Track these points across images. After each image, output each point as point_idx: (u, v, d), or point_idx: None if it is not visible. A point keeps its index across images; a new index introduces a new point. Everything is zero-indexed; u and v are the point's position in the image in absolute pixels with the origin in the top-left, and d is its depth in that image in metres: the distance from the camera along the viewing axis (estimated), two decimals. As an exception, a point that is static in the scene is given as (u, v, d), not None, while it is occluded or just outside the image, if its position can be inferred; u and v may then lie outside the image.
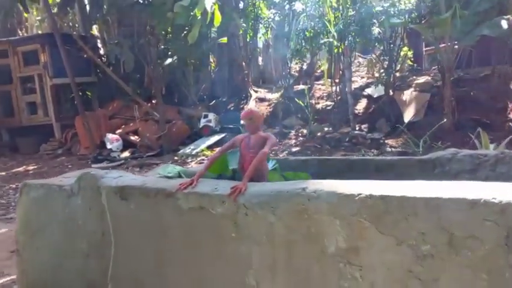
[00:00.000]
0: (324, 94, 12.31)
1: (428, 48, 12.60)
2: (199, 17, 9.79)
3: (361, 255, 1.94)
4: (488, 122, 9.34)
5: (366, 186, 1.95)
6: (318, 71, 13.25)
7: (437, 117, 9.70)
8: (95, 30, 13.88)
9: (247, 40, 12.68)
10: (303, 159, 3.94)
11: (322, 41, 10.25)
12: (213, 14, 9.92)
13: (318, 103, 11.97)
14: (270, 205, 2.16)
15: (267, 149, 2.63)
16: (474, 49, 10.15)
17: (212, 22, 10.15)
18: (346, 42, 10.01)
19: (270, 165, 3.64)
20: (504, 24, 8.83)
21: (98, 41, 13.49)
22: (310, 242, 2.06)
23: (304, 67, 13.11)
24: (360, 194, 1.93)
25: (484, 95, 10.07)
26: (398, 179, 2.13)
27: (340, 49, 10.50)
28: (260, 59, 14.26)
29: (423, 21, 9.70)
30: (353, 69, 12.40)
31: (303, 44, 11.27)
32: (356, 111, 11.04)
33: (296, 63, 12.77)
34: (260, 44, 13.76)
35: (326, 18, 10.18)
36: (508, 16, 9.08)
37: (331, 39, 10.00)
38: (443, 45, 9.52)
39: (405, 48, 10.84)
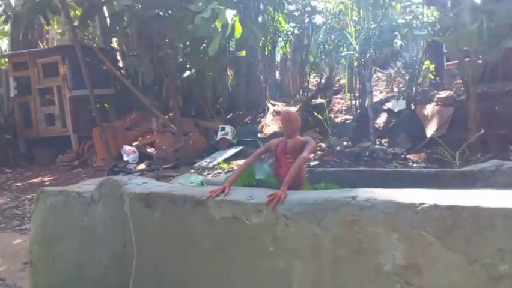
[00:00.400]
0: (343, 108, 12.08)
1: (450, 62, 12.34)
2: (220, 30, 9.68)
3: (422, 275, 1.70)
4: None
5: (430, 195, 1.72)
6: (337, 84, 13.06)
7: (460, 132, 9.42)
8: (114, 43, 13.87)
9: (266, 53, 12.53)
10: (331, 170, 3.71)
11: (343, 54, 10.04)
12: (233, 26, 9.81)
13: (337, 117, 11.73)
14: (315, 215, 1.93)
15: (307, 154, 2.42)
16: (499, 63, 9.89)
17: (231, 35, 10.05)
18: (367, 54, 9.80)
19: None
20: (533, 37, 8.58)
21: (118, 53, 13.45)
22: (361, 258, 1.83)
23: (323, 81, 12.91)
24: (423, 204, 1.69)
25: (509, 110, 9.75)
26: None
27: (361, 62, 10.30)
28: (277, 72, 14.10)
29: (447, 34, 9.46)
30: (372, 84, 12.17)
31: (323, 57, 11.11)
32: (376, 126, 10.78)
33: (314, 77, 12.59)
34: (278, 58, 13.61)
35: (347, 30, 10.00)
36: (537, 29, 8.83)
37: (352, 52, 9.80)
38: (468, 59, 9.26)
39: (427, 62, 10.60)
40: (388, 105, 11.54)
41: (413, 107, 10.49)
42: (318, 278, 1.92)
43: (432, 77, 10.44)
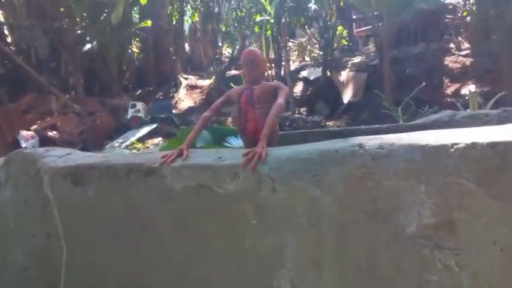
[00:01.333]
0: (259, 78, 11.78)
1: (360, 29, 12.50)
2: (123, -5, 8.85)
3: (459, 234, 1.36)
4: (427, 98, 9.33)
5: (463, 133, 1.36)
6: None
7: (374, 96, 9.59)
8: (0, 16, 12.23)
9: (173, 23, 11.78)
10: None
11: (257, 20, 9.65)
12: (137, -9, 9.01)
13: (254, 88, 11.41)
14: (312, 173, 1.50)
15: (283, 100, 1.98)
16: (409, 26, 10.10)
17: (136, 1, 9.23)
18: (283, 20, 9.52)
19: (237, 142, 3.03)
20: (441, -4, 8.81)
21: (5, 27, 11.88)
22: (376, 222, 1.44)
23: (236, 51, 12.49)
24: (457, 144, 1.33)
25: (419, 72, 10.06)
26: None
27: (274, 29, 10.00)
28: (186, 44, 13.39)
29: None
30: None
31: (236, 25, 10.66)
32: (294, 95, 10.62)
33: (227, 47, 12.11)
34: (186, 28, 12.90)
35: (261, -5, 9.63)
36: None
37: (267, 17, 9.45)
38: (380, 23, 9.32)
39: (340, 28, 10.58)
40: (303, 73, 11.44)
41: (328, 74, 10.46)
42: (318, 253, 1.51)
43: (346, 43, 10.43)
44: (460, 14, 8.59)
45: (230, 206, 1.64)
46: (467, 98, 8.43)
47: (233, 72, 11.82)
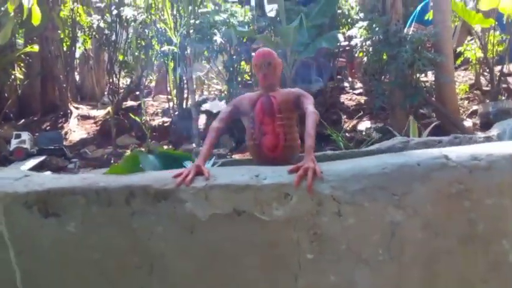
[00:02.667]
0: (158, 110, 11.31)
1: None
2: (12, 14, 8.02)
3: None
4: (326, 133, 9.69)
5: None
6: (150, 85, 12.24)
7: None
8: None
9: (64, 50, 10.92)
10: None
11: (162, 49, 9.32)
12: (29, 10, 8.20)
13: (153, 120, 10.90)
14: (388, 191, 1.28)
15: (314, 109, 1.76)
16: (309, 64, 10.53)
17: (26, 21, 8.37)
18: (189, 50, 9.30)
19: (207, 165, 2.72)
20: (340, 37, 9.33)
21: None
22: (474, 249, 1.25)
23: (133, 81, 11.92)
24: None
25: (319, 108, 10.47)
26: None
27: (177, 59, 9.73)
28: (76, 73, 12.47)
29: (265, 33, 9.65)
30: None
31: (136, 54, 10.18)
32: (198, 127, 10.37)
33: (124, 77, 11.49)
34: (77, 55, 12.03)
35: (165, 24, 9.34)
36: (343, 30, 9.65)
37: (172, 47, 9.15)
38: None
39: (243, 63, 10.65)
40: (205, 106, 11.24)
41: (233, 107, 10.43)
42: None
43: (248, 78, 10.52)
44: (356, 55, 9.11)
45: (278, 236, 1.34)
46: (364, 133, 8.96)
47: (130, 103, 11.22)
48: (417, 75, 8.55)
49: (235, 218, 1.36)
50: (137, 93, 11.56)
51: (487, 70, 9.81)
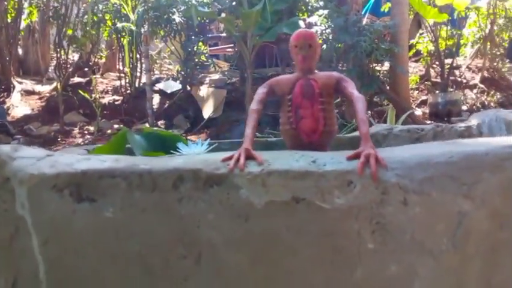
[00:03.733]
0: (109, 88, 10.87)
1: (214, 48, 12.58)
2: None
3: None
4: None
5: None
6: (100, 62, 11.73)
7: (235, 113, 9.79)
8: None
9: (9, 21, 10.22)
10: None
11: (117, 26, 8.93)
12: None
13: (103, 97, 10.47)
14: (458, 181, 1.28)
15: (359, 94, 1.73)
16: (268, 49, 10.53)
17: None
18: (146, 28, 8.97)
19: (202, 148, 2.66)
20: (301, 23, 9.37)
21: None
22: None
23: (80, 57, 11.37)
24: None
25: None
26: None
27: (133, 37, 9.38)
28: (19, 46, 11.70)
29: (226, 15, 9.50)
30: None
31: (88, 29, 9.69)
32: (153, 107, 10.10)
33: (73, 52, 10.92)
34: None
35: (123, 1, 8.94)
36: (304, 17, 9.70)
37: (129, 24, 8.79)
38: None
39: (201, 44, 10.45)
40: (159, 86, 10.95)
41: (188, 88, 10.22)
42: (458, 282, 1.28)
43: (205, 59, 10.34)
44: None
45: (338, 226, 1.31)
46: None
47: (77, 79, 10.73)
48: (374, 64, 8.76)
49: (294, 206, 1.31)
50: (86, 69, 11.05)
51: (437, 63, 10.22)
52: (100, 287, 1.38)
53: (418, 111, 9.30)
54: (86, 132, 9.52)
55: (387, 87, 9.08)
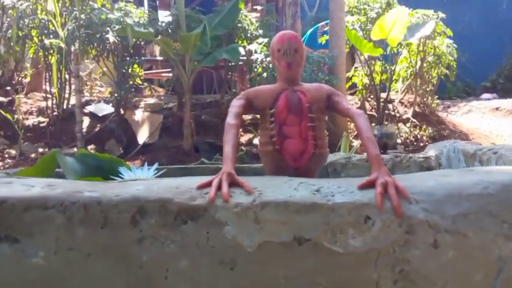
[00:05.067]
0: (33, 109, 10.05)
1: (150, 72, 12.14)
2: None
3: None
4: (221, 145, 9.54)
5: None
6: (24, 81, 10.89)
7: (172, 140, 9.45)
8: None
9: None
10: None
11: (44, 42, 8.31)
12: None
13: (27, 119, 9.65)
14: (497, 218, 1.03)
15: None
16: (207, 74, 10.32)
17: None
18: (76, 47, 8.41)
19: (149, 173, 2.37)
20: (242, 50, 9.27)
21: None
22: None
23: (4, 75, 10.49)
24: None
25: (214, 119, 10.25)
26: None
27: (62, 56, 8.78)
28: None
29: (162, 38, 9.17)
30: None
31: (11, 44, 8.96)
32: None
33: (-8, 70, 10.06)
34: None
35: (52, 17, 8.36)
36: (244, 44, 9.62)
37: (58, 41, 8.21)
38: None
39: (136, 66, 10.00)
40: (89, 108, 10.31)
41: (122, 111, 9.68)
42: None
43: (140, 82, 9.92)
44: (255, 70, 9.18)
45: (352, 275, 1.01)
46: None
47: (-2, 98, 9.90)
48: (313, 94, 8.79)
49: (296, 249, 0.99)
50: (8, 88, 10.18)
51: (372, 96, 10.49)
52: None
53: (355, 143, 9.40)
54: (6, 155, 8.76)
55: (326, 118, 9.13)
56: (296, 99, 1.57)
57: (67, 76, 9.39)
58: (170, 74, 11.30)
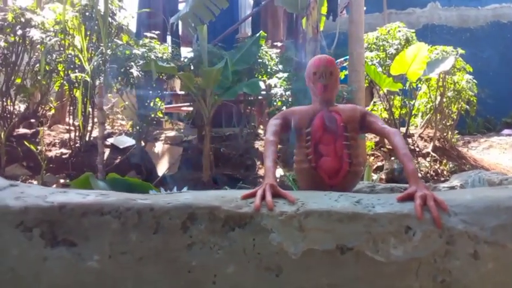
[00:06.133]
0: (56, 141, 10.27)
1: (171, 105, 12.37)
2: None
3: None
4: (240, 177, 9.59)
5: None
6: (48, 113, 11.18)
7: (191, 172, 9.56)
8: None
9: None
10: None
11: (73, 75, 8.58)
12: None
13: (50, 150, 9.85)
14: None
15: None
16: (226, 108, 10.48)
17: None
18: (101, 80, 8.66)
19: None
20: (262, 85, 9.44)
21: None
22: None
23: (26, 107, 10.79)
24: None
25: (233, 152, 10.35)
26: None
27: (89, 88, 9.03)
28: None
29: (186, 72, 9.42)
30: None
31: (39, 78, 9.26)
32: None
33: (20, 102, 10.37)
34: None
35: (77, 51, 8.66)
36: (265, 78, 9.80)
37: (84, 75, 8.46)
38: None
39: (158, 99, 10.23)
40: (110, 140, 10.52)
41: (142, 144, 9.85)
42: None
43: (162, 115, 10.13)
44: (275, 104, 9.28)
45: (396, 283, 1.04)
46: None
47: (22, 130, 10.15)
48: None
49: (338, 257, 1.03)
50: (32, 120, 10.46)
51: (391, 131, 10.43)
52: None
53: (375, 176, 9.36)
54: (28, 186, 8.84)
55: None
56: (332, 119, 1.63)
57: (90, 109, 9.64)
58: (191, 108, 11.53)
